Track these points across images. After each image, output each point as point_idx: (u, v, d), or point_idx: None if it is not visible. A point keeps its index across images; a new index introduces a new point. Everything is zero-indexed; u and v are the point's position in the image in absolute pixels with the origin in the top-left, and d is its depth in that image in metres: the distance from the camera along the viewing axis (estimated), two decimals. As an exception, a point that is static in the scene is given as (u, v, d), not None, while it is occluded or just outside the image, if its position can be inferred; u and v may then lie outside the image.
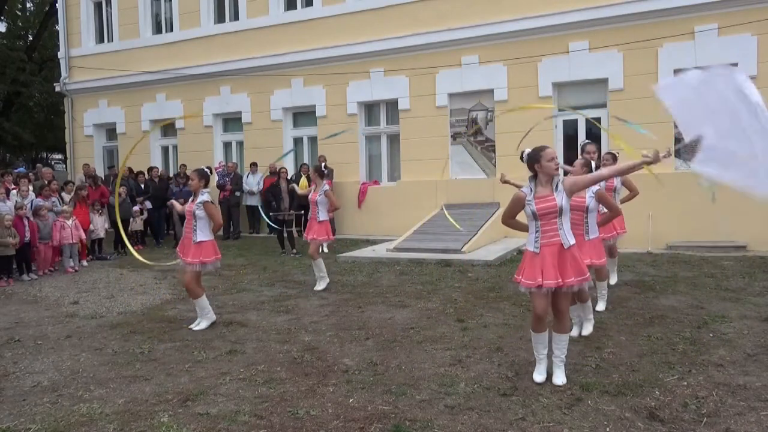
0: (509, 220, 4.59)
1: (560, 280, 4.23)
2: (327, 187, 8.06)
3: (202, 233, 6.11)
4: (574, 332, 5.34)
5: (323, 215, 8.01)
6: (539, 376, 4.42)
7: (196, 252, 6.05)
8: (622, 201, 7.28)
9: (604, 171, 4.71)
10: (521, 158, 4.44)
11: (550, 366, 4.47)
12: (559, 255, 4.26)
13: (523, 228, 4.51)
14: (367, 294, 7.69)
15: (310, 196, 8.11)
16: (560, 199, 4.25)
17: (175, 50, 15.86)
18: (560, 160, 14.23)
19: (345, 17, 13.83)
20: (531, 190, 4.34)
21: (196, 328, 6.15)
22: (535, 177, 4.35)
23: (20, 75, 24.64)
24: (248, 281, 8.85)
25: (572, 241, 4.31)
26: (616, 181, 7.11)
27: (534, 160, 4.30)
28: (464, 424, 3.75)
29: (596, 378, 4.45)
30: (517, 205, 4.44)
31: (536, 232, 4.32)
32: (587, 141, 7.52)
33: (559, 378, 4.37)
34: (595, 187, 5.26)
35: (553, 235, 4.28)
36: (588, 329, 5.53)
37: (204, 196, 6.15)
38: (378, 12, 13.50)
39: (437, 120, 13.15)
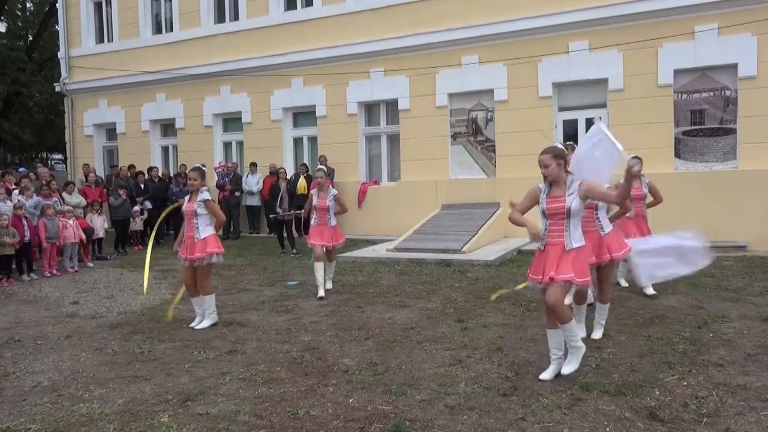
0: (516, 214, 4.47)
1: (553, 273, 4.25)
2: (335, 191, 7.83)
3: (205, 230, 6.17)
4: (583, 334, 5.07)
5: (334, 219, 7.79)
6: (546, 374, 4.42)
7: (201, 247, 6.10)
8: (649, 206, 7.40)
9: (612, 194, 4.46)
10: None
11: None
12: (561, 255, 4.30)
13: (522, 223, 4.41)
14: (367, 294, 7.69)
15: (317, 203, 7.66)
16: (570, 200, 4.27)
17: (175, 50, 15.87)
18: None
19: (345, 17, 13.84)
20: (546, 188, 4.41)
21: (198, 327, 6.17)
22: None
23: (20, 75, 24.66)
24: (248, 281, 8.85)
25: (575, 245, 4.31)
26: (645, 188, 7.25)
27: None
28: (464, 424, 3.74)
29: (596, 378, 4.44)
30: (532, 199, 4.46)
31: (545, 230, 4.39)
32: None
33: (569, 367, 4.39)
34: (605, 184, 5.05)
35: (558, 235, 4.33)
36: (598, 334, 5.43)
37: (205, 194, 6.18)
38: (378, 12, 13.51)
39: (437, 120, 13.15)
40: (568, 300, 4.93)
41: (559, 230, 4.32)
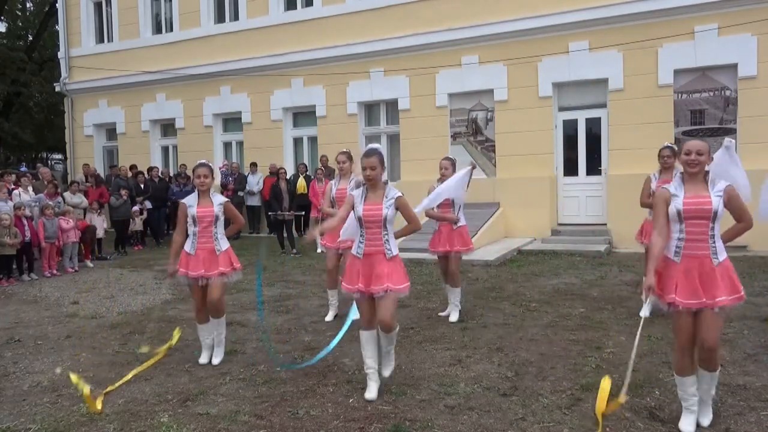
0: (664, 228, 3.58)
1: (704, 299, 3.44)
2: (398, 191, 4.34)
3: (224, 239, 5.17)
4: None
5: (394, 245, 4.40)
6: (688, 426, 3.58)
7: (225, 261, 5.09)
8: None
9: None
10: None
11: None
12: (706, 270, 3.48)
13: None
14: (367, 294, 7.68)
15: (364, 211, 4.22)
16: (717, 202, 3.48)
17: (175, 50, 15.87)
18: (560, 160, 14.09)
19: (345, 17, 13.84)
20: (679, 186, 3.61)
21: (217, 361, 5.11)
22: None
23: (20, 75, 24.64)
24: (248, 281, 8.83)
25: (721, 258, 3.50)
26: None
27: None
28: (464, 424, 3.75)
29: (596, 378, 4.43)
30: (664, 201, 3.61)
31: (680, 236, 3.54)
32: None
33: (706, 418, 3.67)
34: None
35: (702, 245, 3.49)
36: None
37: (220, 197, 5.22)
38: (378, 12, 13.51)
39: (437, 120, 13.15)
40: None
41: (702, 237, 3.48)
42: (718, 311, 3.44)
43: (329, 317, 6.50)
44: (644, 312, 5.27)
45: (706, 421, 3.64)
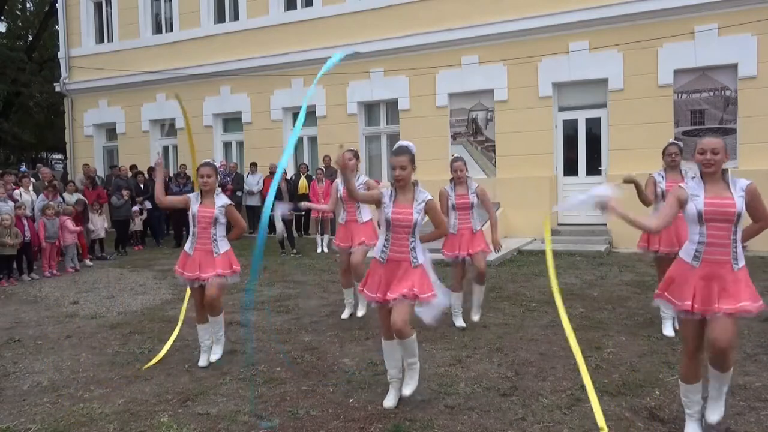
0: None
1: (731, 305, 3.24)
2: (427, 193, 4.32)
3: (224, 242, 5.11)
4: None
5: (420, 251, 4.06)
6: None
7: (223, 262, 5.04)
8: None
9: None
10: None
11: None
12: (727, 276, 3.30)
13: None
14: (367, 294, 7.68)
15: (393, 213, 4.07)
16: (741, 204, 3.27)
17: (175, 50, 15.87)
18: (560, 160, 14.05)
19: (345, 17, 13.84)
20: (699, 183, 3.37)
21: (215, 358, 5.08)
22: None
23: (20, 75, 24.65)
24: (248, 281, 8.83)
25: (741, 264, 3.35)
26: None
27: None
28: (464, 424, 3.74)
29: (596, 378, 4.43)
30: (677, 200, 3.40)
31: (701, 239, 3.32)
32: None
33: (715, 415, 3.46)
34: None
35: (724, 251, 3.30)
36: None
37: (224, 198, 5.11)
38: (378, 12, 13.51)
39: (437, 120, 13.15)
40: None
41: (724, 240, 3.28)
42: (733, 316, 3.24)
43: (345, 315, 6.48)
44: (668, 331, 5.16)
45: (714, 417, 3.41)
